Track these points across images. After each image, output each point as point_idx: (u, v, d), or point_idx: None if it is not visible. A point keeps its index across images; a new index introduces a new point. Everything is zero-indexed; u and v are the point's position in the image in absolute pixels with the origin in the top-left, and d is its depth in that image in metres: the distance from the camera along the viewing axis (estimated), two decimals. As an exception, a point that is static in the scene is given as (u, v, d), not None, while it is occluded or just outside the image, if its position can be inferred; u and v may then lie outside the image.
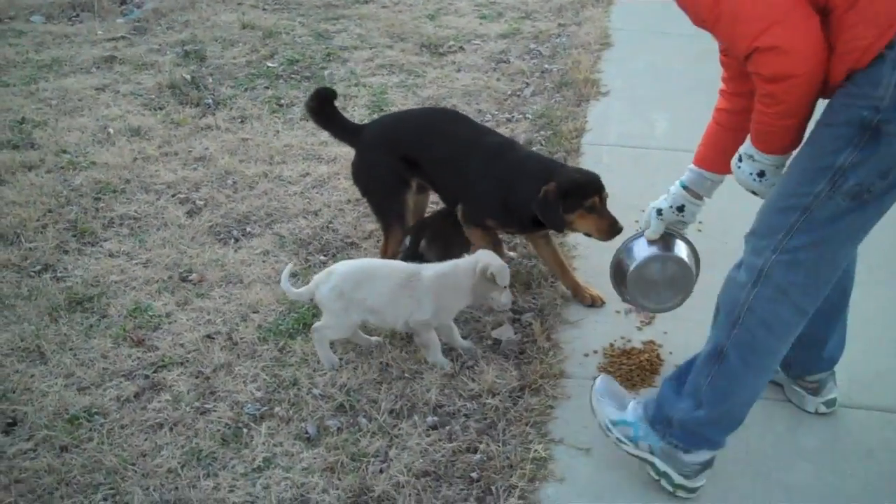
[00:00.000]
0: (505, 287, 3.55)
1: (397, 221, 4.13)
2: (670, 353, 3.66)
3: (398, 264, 3.75)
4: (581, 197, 3.70)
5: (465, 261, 3.63)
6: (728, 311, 2.84)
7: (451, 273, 3.58)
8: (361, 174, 4.24)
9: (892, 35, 2.41)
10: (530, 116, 5.98)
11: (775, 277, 2.73)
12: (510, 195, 3.84)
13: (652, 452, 3.00)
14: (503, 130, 5.72)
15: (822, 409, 3.34)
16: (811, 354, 3.29)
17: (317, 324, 3.61)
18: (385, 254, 4.14)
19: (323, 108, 4.29)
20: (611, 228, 3.73)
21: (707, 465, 2.95)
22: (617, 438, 3.06)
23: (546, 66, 6.98)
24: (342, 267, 3.65)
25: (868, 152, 2.52)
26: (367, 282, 3.56)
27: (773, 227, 2.72)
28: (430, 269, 3.61)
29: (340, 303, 3.54)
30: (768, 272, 2.73)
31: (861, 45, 2.46)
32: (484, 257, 3.57)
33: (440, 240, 4.06)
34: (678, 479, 2.96)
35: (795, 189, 2.67)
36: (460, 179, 3.98)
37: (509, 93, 6.48)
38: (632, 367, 3.56)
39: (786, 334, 2.80)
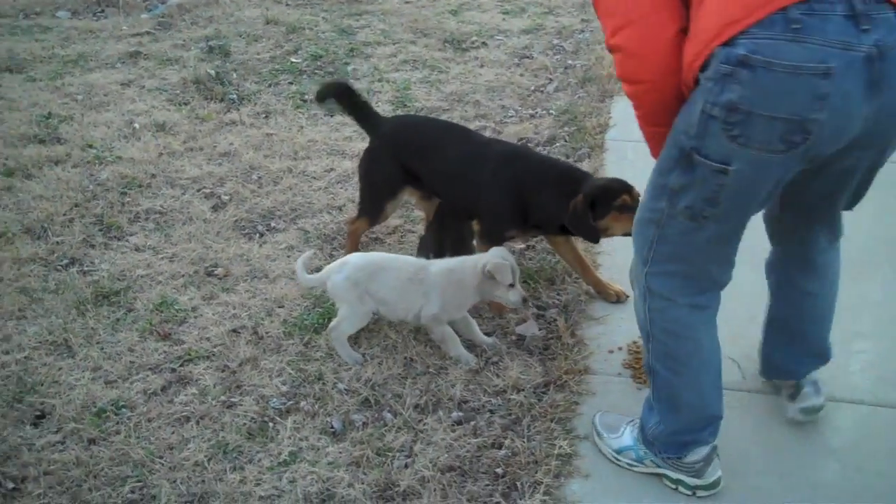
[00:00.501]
0: (512, 285, 3.54)
1: (369, 215, 4.25)
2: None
3: (408, 258, 3.80)
4: (610, 199, 3.68)
5: (473, 258, 3.66)
6: (640, 328, 2.89)
7: (459, 269, 3.60)
8: (363, 165, 4.31)
9: (707, 55, 2.32)
10: (554, 112, 5.97)
11: (655, 289, 2.74)
12: (530, 203, 3.84)
13: (658, 466, 3.01)
14: (526, 126, 5.72)
15: (799, 416, 3.19)
16: (776, 356, 3.24)
17: (332, 323, 3.64)
18: (349, 228, 4.31)
19: (344, 99, 4.37)
20: None
21: (709, 458, 2.93)
22: (627, 463, 3.07)
23: (569, 61, 6.96)
24: (355, 258, 3.71)
25: (689, 177, 2.48)
26: (380, 273, 3.61)
27: (641, 240, 2.75)
28: (438, 265, 3.65)
29: (355, 292, 3.58)
30: (648, 285, 2.75)
31: (686, 63, 2.40)
32: (488, 255, 3.58)
33: (458, 237, 4.11)
34: (692, 482, 2.95)
35: (648, 203, 2.68)
36: (472, 194, 3.97)
37: (532, 88, 6.47)
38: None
39: (695, 331, 2.79)
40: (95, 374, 3.54)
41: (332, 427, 3.26)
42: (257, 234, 4.56)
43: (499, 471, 3.05)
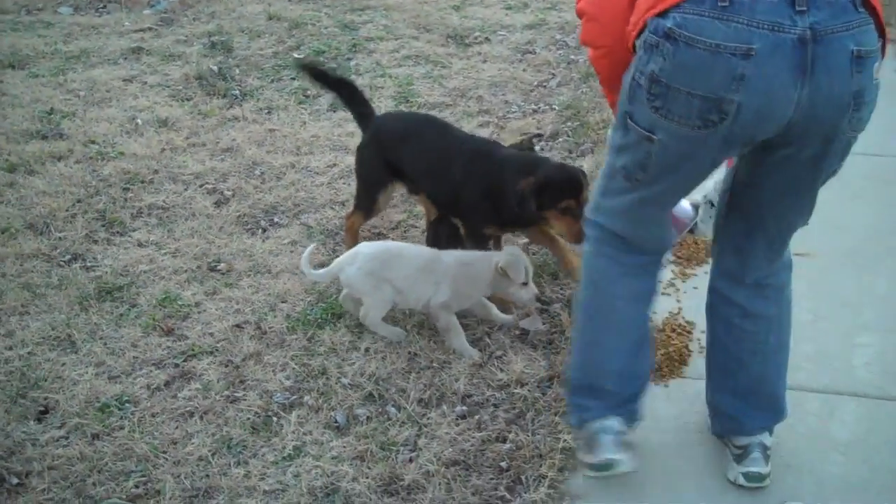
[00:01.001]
0: (525, 283, 3.55)
1: (364, 208, 4.28)
2: (700, 344, 3.62)
3: (420, 247, 3.84)
4: (556, 198, 3.65)
5: (488, 254, 3.70)
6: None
7: (472, 263, 3.63)
8: (356, 160, 4.37)
9: (642, 24, 2.35)
10: (557, 107, 5.96)
11: (592, 235, 2.80)
12: (500, 194, 3.82)
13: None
14: (529, 121, 5.71)
15: (741, 480, 2.91)
16: (720, 402, 3.02)
17: (360, 313, 3.67)
18: (347, 223, 4.32)
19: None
20: (580, 235, 3.14)
21: (595, 435, 2.84)
22: None
23: (572, 56, 6.95)
24: (367, 248, 3.72)
25: (626, 140, 2.53)
26: (393, 262, 3.63)
27: (597, 188, 2.81)
28: (453, 255, 3.68)
29: (370, 281, 3.60)
30: (589, 231, 2.82)
31: (627, 31, 2.44)
32: (503, 252, 3.60)
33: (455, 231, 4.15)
34: (580, 455, 2.91)
35: (606, 158, 2.73)
36: (447, 191, 4.02)
37: (535, 84, 6.46)
38: (661, 358, 3.53)
39: (610, 287, 2.80)
40: (99, 369, 3.54)
41: (336, 421, 3.25)
42: (260, 230, 4.56)
43: (503, 465, 3.04)
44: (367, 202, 4.26)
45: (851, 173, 2.70)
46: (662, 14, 2.28)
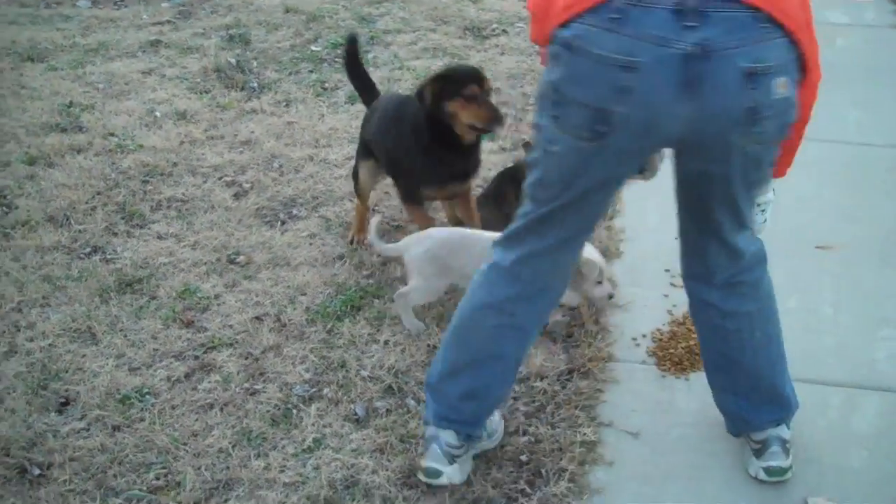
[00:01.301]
0: (599, 281, 3.54)
1: (358, 189, 4.33)
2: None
3: (491, 234, 3.78)
4: (459, 85, 3.74)
5: None
6: None
7: None
8: None
9: (557, 24, 2.32)
10: (575, 99, 5.93)
11: (491, 258, 2.79)
12: (417, 132, 3.88)
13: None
14: (548, 113, 5.68)
15: (762, 475, 2.91)
16: (725, 402, 3.01)
17: (400, 290, 3.66)
18: (356, 217, 4.36)
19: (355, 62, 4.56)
20: (492, 116, 3.75)
21: (428, 439, 2.91)
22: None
23: (590, 48, 6.92)
24: (437, 233, 3.73)
25: (536, 154, 2.53)
26: (463, 249, 3.59)
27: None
28: None
29: (433, 267, 3.58)
30: (492, 252, 2.80)
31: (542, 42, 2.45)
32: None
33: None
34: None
35: None
36: (385, 154, 4.12)
37: (554, 76, 6.43)
38: (682, 351, 3.52)
39: (478, 315, 2.79)
40: (119, 361, 3.55)
41: (355, 414, 3.25)
42: (279, 222, 4.56)
43: (523, 458, 3.04)
44: (354, 180, 4.34)
45: (873, 166, 2.68)
46: (565, 25, 2.30)
